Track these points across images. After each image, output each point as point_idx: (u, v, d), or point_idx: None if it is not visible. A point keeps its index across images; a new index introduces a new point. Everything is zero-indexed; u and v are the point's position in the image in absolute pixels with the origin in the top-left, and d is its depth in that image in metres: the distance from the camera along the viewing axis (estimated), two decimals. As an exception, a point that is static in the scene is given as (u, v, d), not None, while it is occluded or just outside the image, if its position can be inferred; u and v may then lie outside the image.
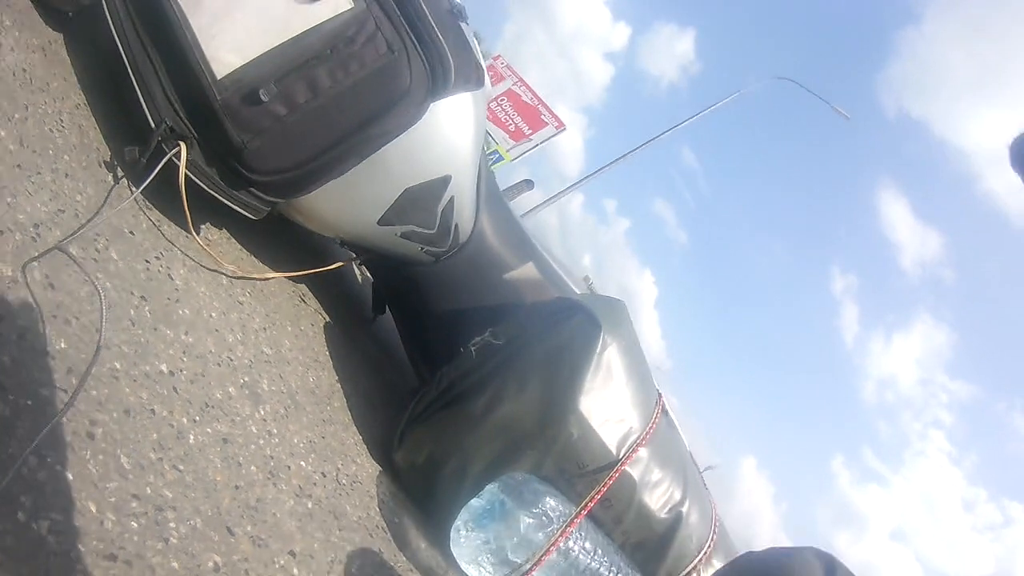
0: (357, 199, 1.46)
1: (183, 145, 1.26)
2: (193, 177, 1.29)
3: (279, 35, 1.28)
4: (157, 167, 1.24)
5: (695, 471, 1.78)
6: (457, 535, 1.34)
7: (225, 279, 1.38)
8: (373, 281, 2.00)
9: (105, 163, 1.25)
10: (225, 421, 1.06)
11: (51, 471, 0.74)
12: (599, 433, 1.44)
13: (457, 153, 1.53)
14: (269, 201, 1.39)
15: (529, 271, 1.79)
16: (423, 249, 1.62)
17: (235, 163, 1.31)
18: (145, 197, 1.29)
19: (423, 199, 1.51)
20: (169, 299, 1.16)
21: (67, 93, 1.27)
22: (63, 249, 0.97)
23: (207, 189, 1.32)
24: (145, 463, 0.86)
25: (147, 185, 1.22)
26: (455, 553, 1.34)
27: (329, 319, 1.77)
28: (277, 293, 1.57)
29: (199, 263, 1.32)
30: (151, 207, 1.31)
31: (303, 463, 1.18)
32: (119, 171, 1.26)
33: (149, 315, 1.08)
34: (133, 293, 1.08)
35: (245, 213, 1.38)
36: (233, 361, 1.20)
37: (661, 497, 1.55)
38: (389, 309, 1.99)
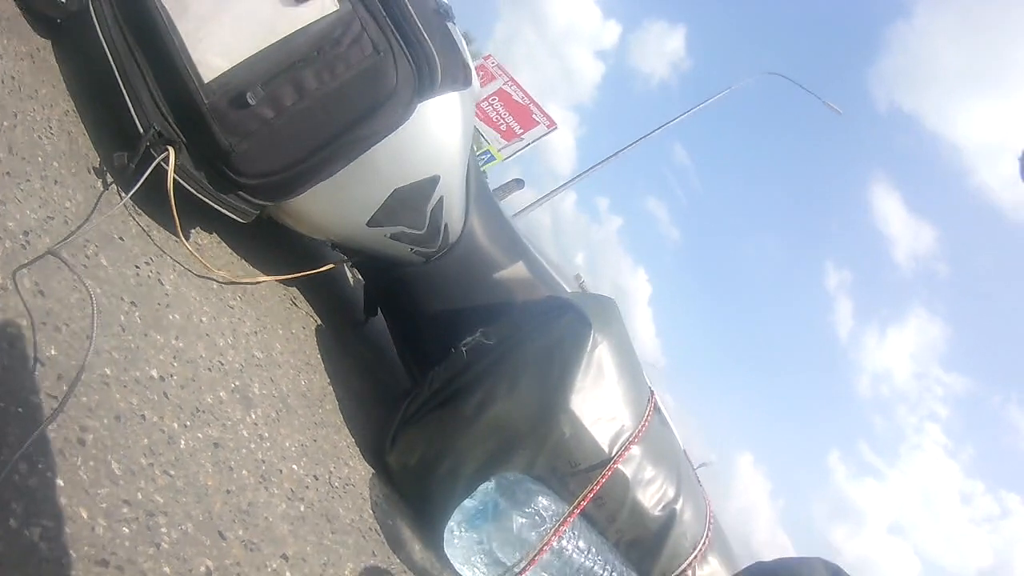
0: (346, 201, 1.46)
1: (171, 150, 1.26)
2: (182, 181, 1.29)
3: (266, 38, 1.28)
4: (146, 172, 1.24)
5: (689, 468, 1.78)
6: (451, 536, 1.34)
7: (216, 283, 1.38)
8: (364, 283, 1.99)
9: (94, 169, 1.25)
10: (216, 425, 1.06)
11: (42, 477, 0.74)
12: (591, 431, 1.45)
13: (445, 153, 1.53)
14: (258, 204, 1.39)
15: (520, 270, 1.79)
16: (413, 250, 1.63)
17: (223, 167, 1.31)
18: (134, 202, 1.29)
19: (412, 200, 1.51)
20: (159, 304, 1.16)
21: (56, 100, 1.27)
22: (55, 254, 0.97)
23: (196, 193, 1.32)
24: (136, 468, 0.86)
25: (136, 191, 1.22)
26: (449, 554, 1.34)
27: (320, 322, 1.77)
28: (268, 296, 1.57)
29: (189, 268, 1.32)
30: (140, 212, 1.31)
31: (295, 466, 1.18)
32: (108, 177, 1.26)
33: (139, 321, 1.08)
34: (123, 299, 1.08)
35: (234, 217, 1.38)
36: (224, 365, 1.20)
37: (655, 495, 1.56)
38: (381, 311, 1.99)
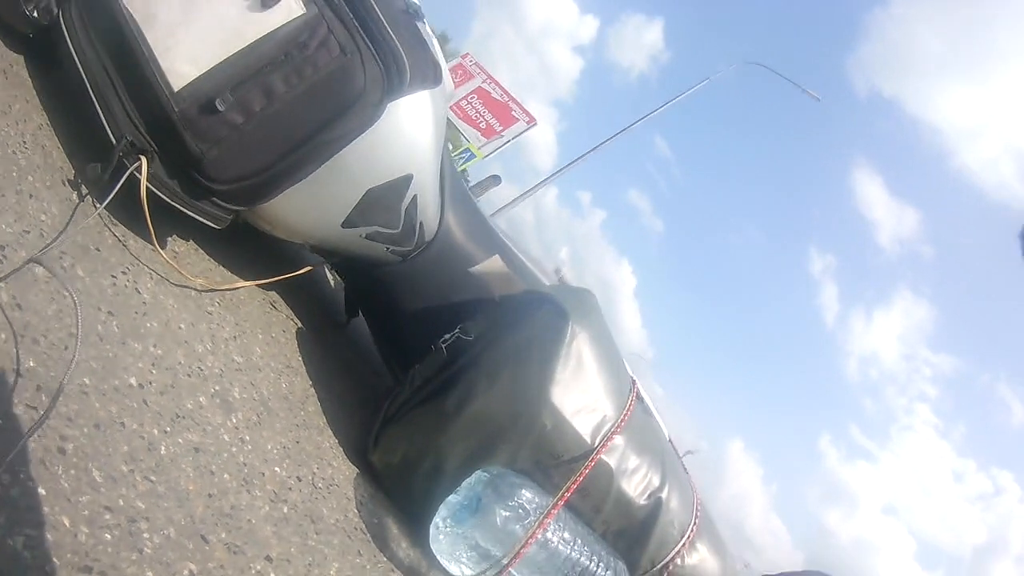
0: (320, 203, 1.47)
1: (144, 159, 1.26)
2: (155, 190, 1.29)
3: (233, 44, 1.28)
4: (119, 183, 1.24)
5: (674, 456, 1.79)
6: (436, 532, 1.35)
7: (193, 290, 1.38)
8: (344, 284, 2.00)
9: (69, 181, 1.25)
10: (196, 431, 1.07)
11: (24, 487, 0.75)
12: (573, 423, 1.46)
13: (418, 151, 1.53)
14: (231, 210, 1.39)
15: (497, 265, 1.80)
16: (389, 249, 1.63)
17: (195, 174, 1.31)
18: (110, 213, 1.29)
19: (386, 199, 1.52)
20: (137, 313, 1.16)
21: (29, 114, 1.27)
22: (38, 261, 0.98)
23: (170, 201, 1.32)
24: (117, 475, 0.87)
25: (110, 201, 1.22)
26: (434, 550, 1.35)
27: (301, 324, 1.78)
28: (247, 301, 1.57)
29: (166, 276, 1.33)
30: (116, 223, 1.31)
31: (277, 468, 1.19)
32: (83, 189, 1.27)
33: (117, 329, 1.08)
34: (100, 309, 1.08)
35: (209, 223, 1.39)
36: (203, 371, 1.21)
37: (640, 484, 1.57)
38: (361, 311, 2.00)
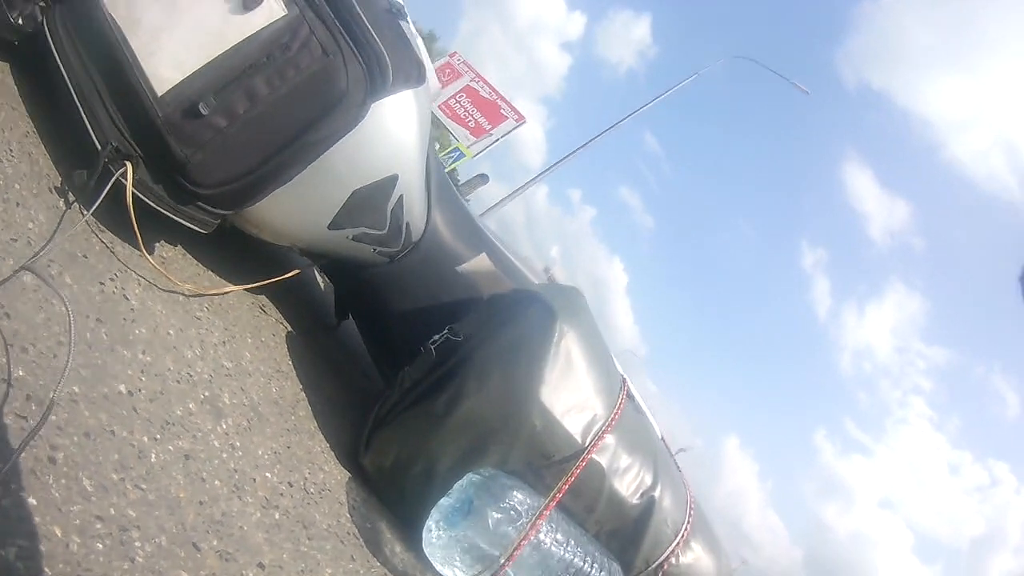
0: (306, 205, 1.46)
1: (129, 164, 1.26)
2: (141, 196, 1.29)
3: (216, 47, 1.28)
4: (105, 189, 1.24)
5: (666, 455, 1.79)
6: (429, 535, 1.35)
7: (182, 296, 1.38)
8: (334, 287, 1.99)
9: (56, 189, 1.25)
10: (187, 437, 1.07)
11: (15, 498, 0.74)
12: (563, 423, 1.46)
13: (403, 151, 1.53)
14: (217, 214, 1.39)
15: (485, 265, 1.80)
16: (376, 250, 1.63)
17: (180, 178, 1.31)
18: (97, 220, 1.28)
19: (372, 200, 1.52)
20: (125, 319, 1.16)
21: (15, 122, 1.27)
22: (30, 268, 0.98)
23: (156, 206, 1.32)
24: (108, 484, 0.87)
25: (97, 207, 1.22)
26: (428, 553, 1.35)
27: (291, 328, 1.77)
28: (236, 306, 1.57)
29: (154, 282, 1.32)
30: (103, 229, 1.30)
31: (268, 474, 1.19)
32: (70, 196, 1.26)
33: (105, 337, 1.08)
34: (88, 316, 1.08)
35: (195, 227, 1.38)
36: (192, 377, 1.20)
37: (632, 483, 1.57)
38: (350, 313, 1.99)
